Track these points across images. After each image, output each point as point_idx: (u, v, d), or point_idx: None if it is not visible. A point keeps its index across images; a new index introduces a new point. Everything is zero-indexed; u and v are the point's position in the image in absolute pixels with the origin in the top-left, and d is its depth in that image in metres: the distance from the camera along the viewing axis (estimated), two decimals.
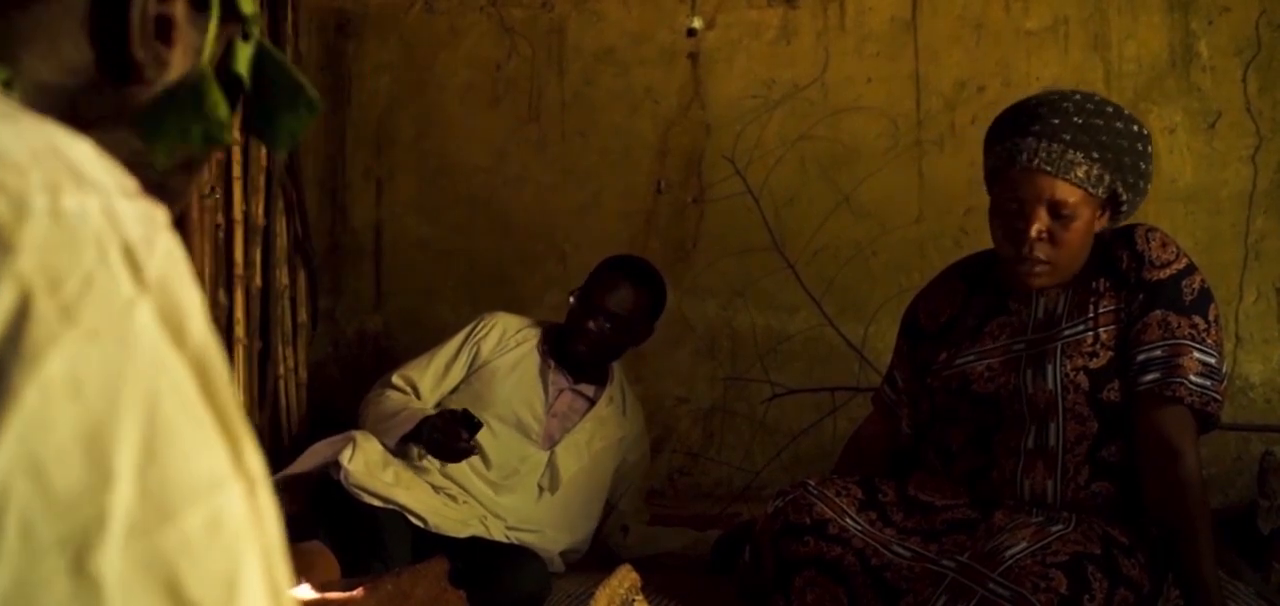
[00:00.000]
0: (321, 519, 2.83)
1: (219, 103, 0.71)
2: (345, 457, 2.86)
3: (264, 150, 3.57)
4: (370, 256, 4.13)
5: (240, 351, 3.22)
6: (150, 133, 0.70)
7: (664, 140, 4.04)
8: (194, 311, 0.54)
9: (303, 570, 2.30)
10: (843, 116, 3.90)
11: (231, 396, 0.54)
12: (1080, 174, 2.21)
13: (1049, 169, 2.21)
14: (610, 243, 3.67)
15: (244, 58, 0.75)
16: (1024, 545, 2.19)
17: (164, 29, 0.68)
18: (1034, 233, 2.25)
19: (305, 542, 2.59)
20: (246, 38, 0.75)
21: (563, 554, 3.11)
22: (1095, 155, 2.21)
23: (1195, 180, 3.61)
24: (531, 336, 3.29)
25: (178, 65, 0.70)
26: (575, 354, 3.21)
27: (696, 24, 4.04)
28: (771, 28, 3.99)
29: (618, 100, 4.07)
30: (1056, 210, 2.24)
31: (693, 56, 4.03)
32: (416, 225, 4.12)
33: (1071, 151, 2.21)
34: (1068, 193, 2.23)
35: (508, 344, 3.23)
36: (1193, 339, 2.25)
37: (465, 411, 2.97)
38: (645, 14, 4.06)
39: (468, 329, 3.30)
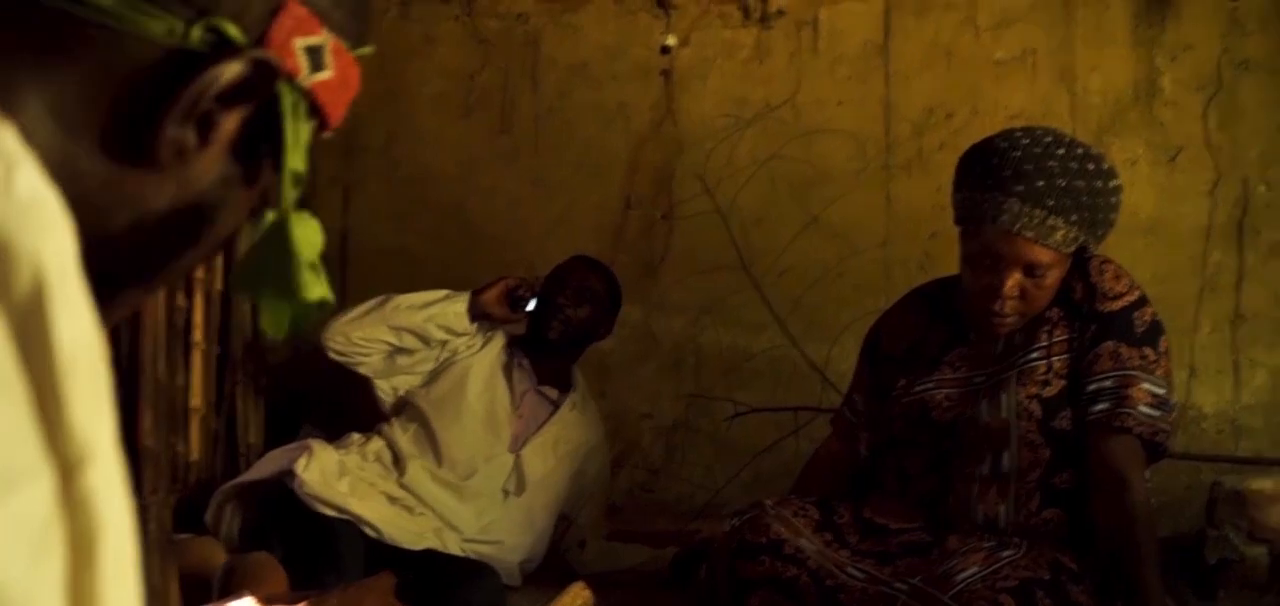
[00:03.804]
0: (275, 528, 2.83)
1: (302, 273, 0.64)
2: (300, 466, 2.87)
3: None
4: (335, 264, 4.12)
5: (198, 356, 3.21)
6: (252, 296, 0.66)
7: (635, 156, 4.07)
8: (26, 258, 0.47)
9: (248, 582, 2.30)
10: (813, 138, 3.93)
11: (72, 359, 0.48)
12: (1058, 238, 2.22)
13: (1030, 235, 2.20)
14: None
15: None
16: (975, 569, 2.22)
17: (204, 126, 0.62)
18: (1007, 290, 2.26)
19: (252, 553, 2.59)
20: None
21: (521, 564, 3.12)
22: (1074, 218, 2.21)
23: (1155, 212, 3.66)
24: (499, 337, 3.30)
25: (191, 181, 0.63)
26: (546, 340, 3.22)
27: (671, 41, 4.07)
28: (745, 47, 4.02)
29: (590, 114, 4.08)
30: (1031, 270, 2.25)
31: (666, 73, 4.06)
32: (384, 233, 4.12)
33: (1053, 217, 2.19)
34: (1043, 255, 2.23)
35: (475, 344, 3.25)
36: (1142, 370, 2.28)
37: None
38: (620, 29, 4.09)
39: None
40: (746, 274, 3.85)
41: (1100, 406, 2.28)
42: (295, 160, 0.65)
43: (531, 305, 3.22)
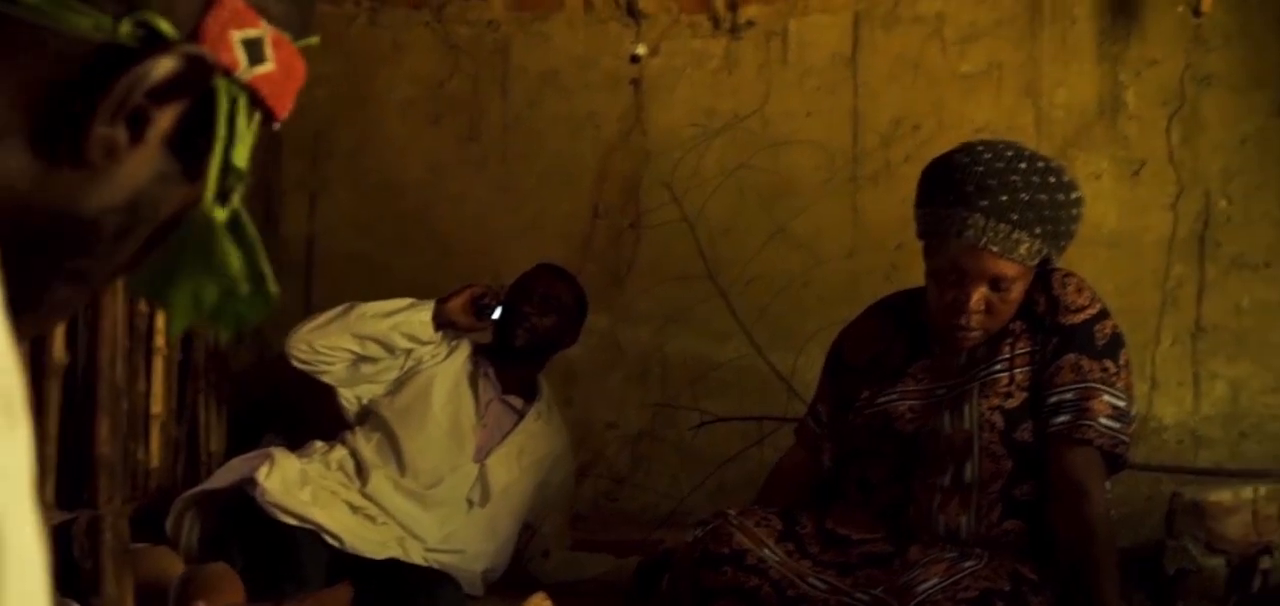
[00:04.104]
0: (235, 537, 2.81)
1: (231, 256, 0.63)
2: (262, 475, 2.85)
3: None
4: (300, 270, 4.10)
5: (159, 363, 3.17)
6: (158, 293, 0.64)
7: (604, 165, 4.07)
8: None
9: (205, 593, 2.28)
10: (781, 148, 3.94)
11: None
12: (1023, 251, 2.23)
13: (995, 250, 2.22)
14: None
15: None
16: (936, 580, 2.23)
17: (137, 123, 0.60)
18: (973, 304, 2.28)
19: (209, 564, 2.57)
20: (224, 199, 0.64)
21: (484, 574, 3.11)
22: (1038, 231, 2.23)
23: (1119, 226, 3.69)
24: (464, 345, 3.29)
25: (123, 179, 0.62)
26: (512, 349, 3.21)
27: (640, 50, 4.07)
28: (715, 57, 4.03)
29: (559, 123, 4.08)
30: (997, 283, 2.27)
31: (635, 82, 4.07)
32: (351, 239, 4.10)
33: (1017, 232, 2.21)
34: (1009, 268, 2.25)
35: (440, 352, 3.24)
36: (1103, 382, 2.30)
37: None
38: (590, 38, 4.09)
39: None
40: (713, 283, 3.86)
41: (1061, 418, 2.30)
42: (237, 156, 0.64)
43: (497, 313, 3.21)
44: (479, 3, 4.15)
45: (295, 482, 2.90)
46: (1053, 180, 2.26)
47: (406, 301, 3.15)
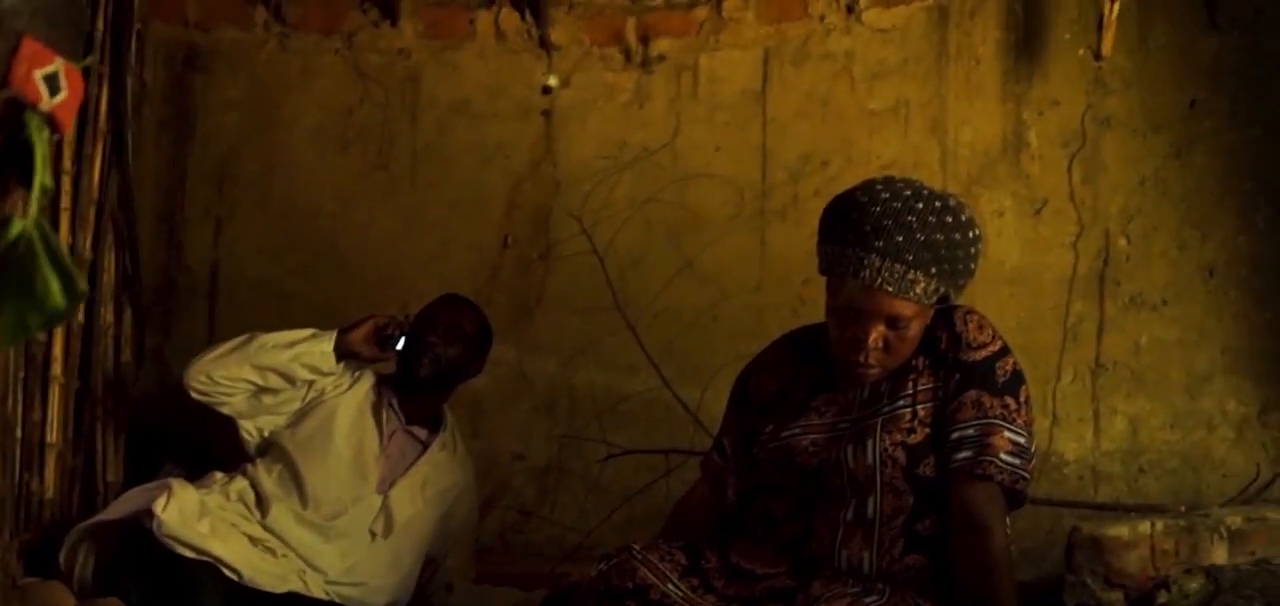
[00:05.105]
0: (131, 570, 2.75)
1: (51, 283, 0.70)
2: (159, 506, 2.78)
3: (96, 179, 3.41)
4: (204, 296, 4.04)
5: (56, 390, 3.09)
6: None
7: (514, 195, 4.06)
8: None
9: None
10: (691, 182, 3.97)
11: None
12: (919, 291, 2.26)
13: (891, 290, 2.24)
14: None
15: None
16: None
17: None
18: (871, 342, 2.31)
19: (102, 600, 2.51)
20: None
21: None
22: (934, 271, 2.26)
23: (1021, 263, 3.76)
24: (367, 376, 3.26)
25: None
26: (416, 379, 3.18)
27: (552, 82, 4.08)
28: (625, 91, 4.05)
29: (470, 152, 4.07)
30: (893, 322, 2.30)
31: (547, 114, 4.07)
32: (256, 266, 4.05)
33: (913, 272, 2.24)
34: (905, 308, 2.27)
35: (343, 383, 3.20)
36: (1004, 419, 2.33)
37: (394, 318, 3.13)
38: (501, 68, 4.09)
39: None
40: (621, 316, 3.86)
41: (963, 454, 2.32)
42: (45, 177, 0.72)
43: (400, 344, 3.17)
44: (390, 30, 4.13)
45: (193, 514, 2.84)
46: (950, 220, 2.28)
47: (308, 332, 3.11)
